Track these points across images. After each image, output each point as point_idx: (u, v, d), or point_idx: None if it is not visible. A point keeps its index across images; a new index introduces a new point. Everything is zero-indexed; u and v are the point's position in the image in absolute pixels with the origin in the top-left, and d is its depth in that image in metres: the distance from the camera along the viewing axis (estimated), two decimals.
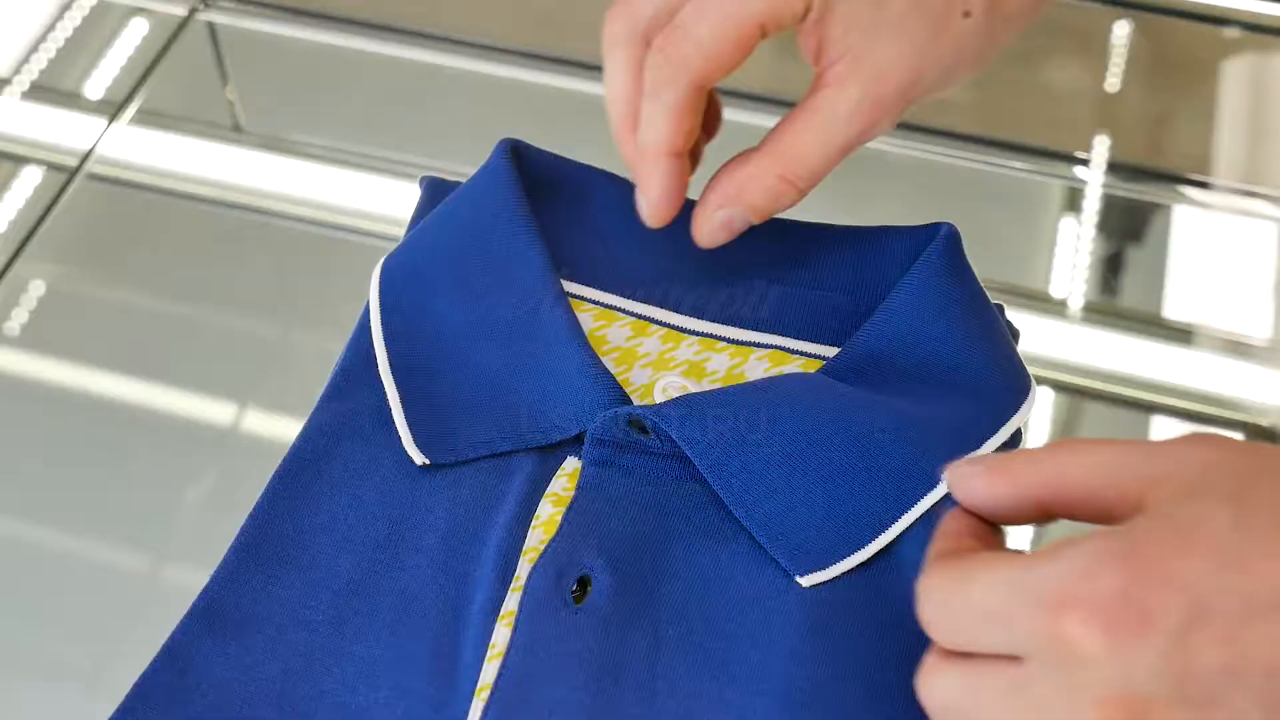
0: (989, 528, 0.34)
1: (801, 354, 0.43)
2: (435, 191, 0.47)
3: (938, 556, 0.32)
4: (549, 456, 0.39)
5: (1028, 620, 0.30)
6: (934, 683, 0.32)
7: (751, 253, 0.44)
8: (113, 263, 0.64)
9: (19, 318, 0.61)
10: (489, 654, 0.35)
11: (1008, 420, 0.40)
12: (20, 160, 0.67)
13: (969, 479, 0.33)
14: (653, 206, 0.40)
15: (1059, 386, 0.58)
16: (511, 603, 0.36)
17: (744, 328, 0.44)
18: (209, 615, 0.37)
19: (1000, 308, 0.45)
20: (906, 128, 0.67)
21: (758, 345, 0.43)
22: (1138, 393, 0.59)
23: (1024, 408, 0.41)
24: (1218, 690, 0.28)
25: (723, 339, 0.43)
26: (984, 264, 0.44)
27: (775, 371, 0.42)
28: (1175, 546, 0.29)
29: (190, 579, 0.39)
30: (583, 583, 0.36)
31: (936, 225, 0.43)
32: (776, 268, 0.44)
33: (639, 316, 0.44)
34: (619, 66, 0.39)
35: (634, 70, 0.39)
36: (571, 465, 0.39)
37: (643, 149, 0.39)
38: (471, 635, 0.36)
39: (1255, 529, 0.29)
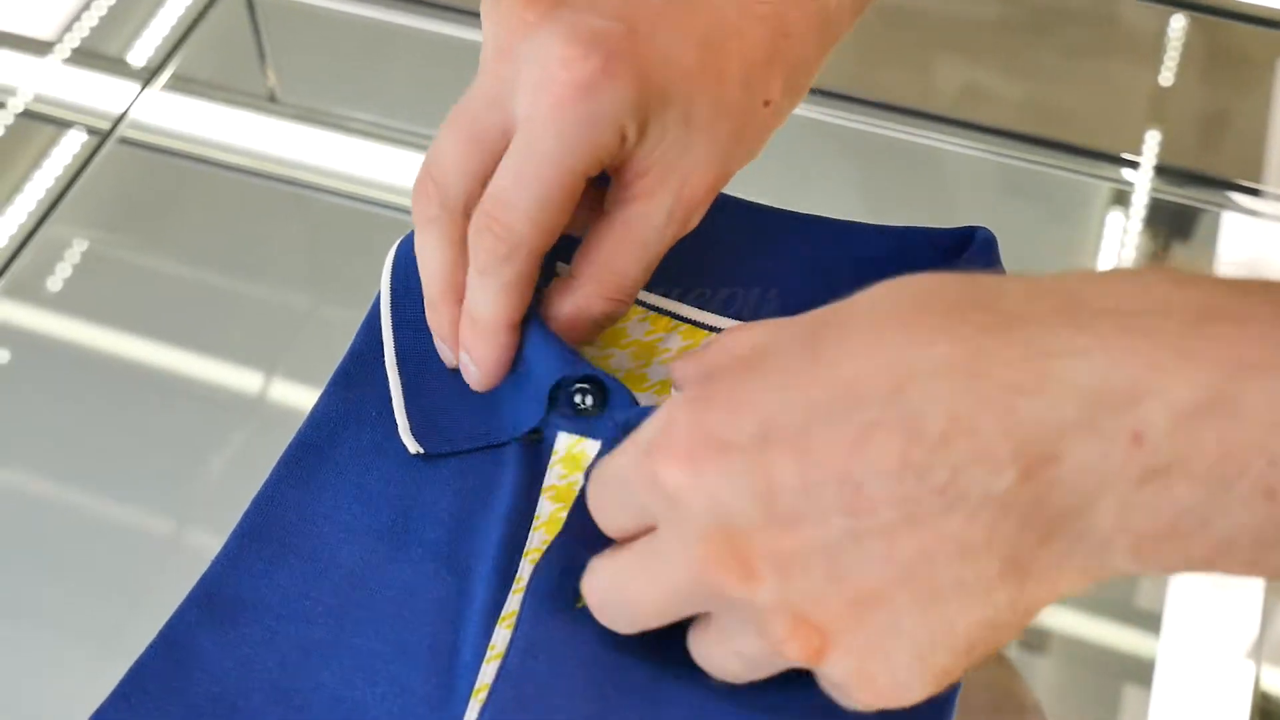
0: None
1: None
2: None
3: None
4: (540, 444, 0.39)
5: (636, 479, 0.31)
6: (589, 582, 0.33)
7: (780, 252, 0.43)
8: (146, 228, 0.64)
9: (53, 279, 0.61)
10: (488, 654, 0.35)
11: None
12: (61, 124, 0.67)
13: None
14: (486, 377, 0.39)
15: None
16: (513, 604, 0.35)
17: None
18: (208, 603, 0.36)
19: None
20: (950, 123, 0.66)
21: None
22: None
23: None
24: (801, 505, 0.29)
25: None
26: (1025, 265, 0.43)
27: None
28: (743, 376, 0.30)
29: (210, 543, 0.39)
30: None
31: (971, 229, 0.42)
32: (804, 268, 0.43)
33: (661, 311, 0.43)
34: (437, 243, 0.38)
35: (454, 244, 0.38)
36: (563, 445, 0.38)
37: (478, 323, 0.38)
38: (471, 634, 0.35)
39: (819, 343, 0.30)
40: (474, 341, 0.38)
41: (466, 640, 0.35)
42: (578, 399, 0.38)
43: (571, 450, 0.38)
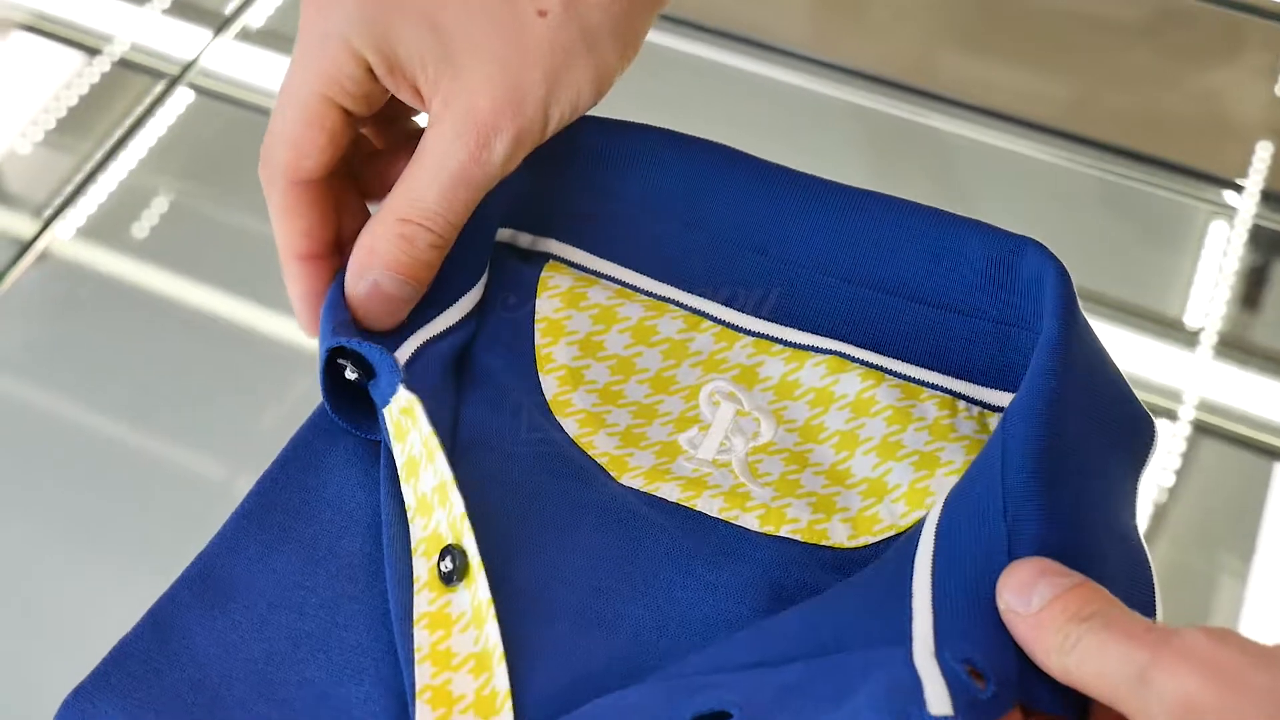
0: None
1: (862, 362, 0.40)
2: None
3: None
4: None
5: None
6: None
7: (818, 243, 0.41)
8: (226, 181, 0.65)
9: (138, 225, 0.63)
10: (417, 657, 0.33)
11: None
12: (154, 75, 0.68)
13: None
14: (297, 315, 0.39)
15: (1178, 418, 0.55)
16: (421, 604, 0.34)
17: (803, 329, 0.41)
18: (200, 583, 0.35)
19: None
20: (1052, 133, 0.64)
21: (816, 350, 0.41)
22: (1263, 435, 0.55)
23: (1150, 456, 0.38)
24: None
25: (779, 341, 0.41)
26: (1116, 283, 0.41)
27: (831, 380, 0.40)
28: None
29: None
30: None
31: (1022, 241, 0.39)
32: (844, 261, 0.40)
33: (693, 310, 0.41)
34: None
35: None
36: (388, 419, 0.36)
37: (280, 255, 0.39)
38: (401, 635, 0.34)
39: None
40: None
41: (399, 640, 0.34)
42: (347, 372, 0.36)
43: (392, 420, 0.36)
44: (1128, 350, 0.59)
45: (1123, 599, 0.31)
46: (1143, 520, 0.40)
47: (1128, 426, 0.37)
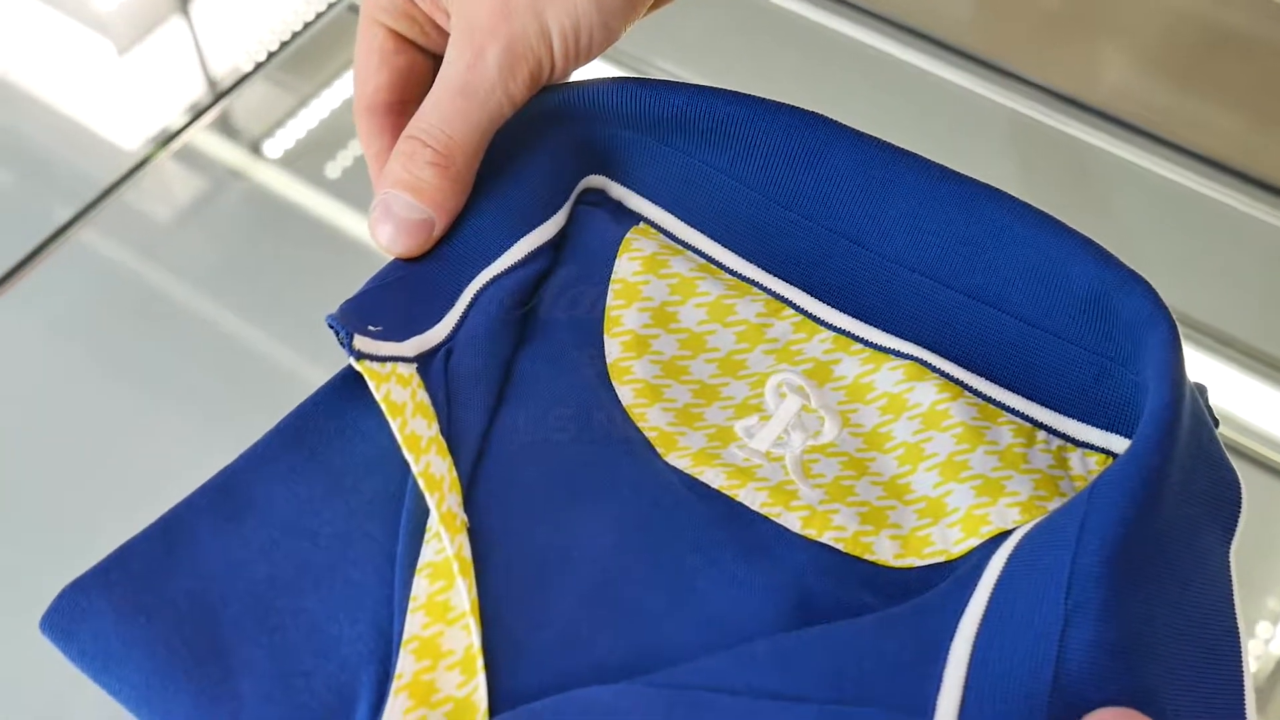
0: None
1: (942, 373, 0.38)
2: None
3: None
4: None
5: None
6: None
7: (919, 242, 0.38)
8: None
9: (332, 165, 0.65)
10: (411, 605, 0.32)
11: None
12: None
13: None
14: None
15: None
16: (428, 553, 0.33)
17: (887, 330, 0.38)
18: (219, 495, 0.34)
19: (1202, 390, 0.38)
20: (1220, 168, 0.59)
21: (896, 353, 0.38)
22: None
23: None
24: None
25: (860, 339, 0.38)
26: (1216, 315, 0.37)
27: (906, 386, 0.38)
28: None
29: None
30: None
31: (1131, 277, 0.35)
32: (942, 263, 0.37)
33: (775, 295, 0.39)
34: None
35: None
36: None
37: None
38: (398, 582, 0.33)
39: None
40: None
41: (398, 586, 0.33)
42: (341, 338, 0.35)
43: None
44: None
45: (1189, 690, 0.29)
46: None
47: (1220, 494, 0.34)
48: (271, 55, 0.68)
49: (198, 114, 0.65)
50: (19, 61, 0.68)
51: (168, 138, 0.64)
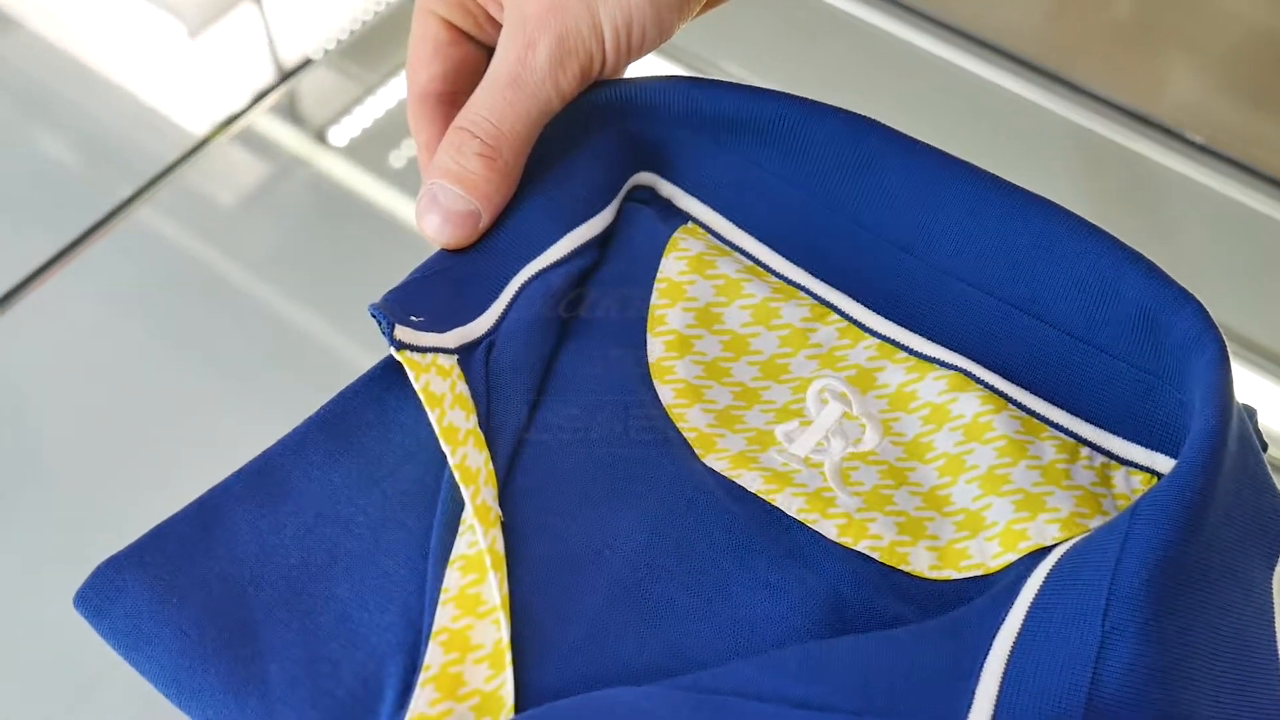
0: None
1: (986, 385, 0.37)
2: None
3: None
4: None
5: None
6: None
7: (968, 251, 0.37)
8: None
9: (396, 155, 0.65)
10: (442, 597, 0.32)
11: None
12: None
13: None
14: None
15: None
16: (461, 546, 0.33)
17: (932, 339, 0.38)
18: (256, 479, 0.34)
19: (1252, 412, 0.37)
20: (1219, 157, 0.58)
21: (941, 363, 0.38)
22: None
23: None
24: None
25: (905, 348, 0.38)
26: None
27: (950, 397, 0.37)
28: None
29: None
30: None
31: (1183, 296, 0.34)
32: (990, 273, 0.37)
33: (821, 300, 0.39)
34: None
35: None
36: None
37: None
38: (431, 574, 0.33)
39: None
40: None
41: (430, 578, 0.33)
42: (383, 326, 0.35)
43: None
44: None
45: (1228, 717, 0.29)
46: None
47: (1265, 519, 0.33)
48: (340, 44, 0.69)
49: (259, 97, 0.66)
50: (93, 41, 0.70)
51: (229, 119, 0.65)
